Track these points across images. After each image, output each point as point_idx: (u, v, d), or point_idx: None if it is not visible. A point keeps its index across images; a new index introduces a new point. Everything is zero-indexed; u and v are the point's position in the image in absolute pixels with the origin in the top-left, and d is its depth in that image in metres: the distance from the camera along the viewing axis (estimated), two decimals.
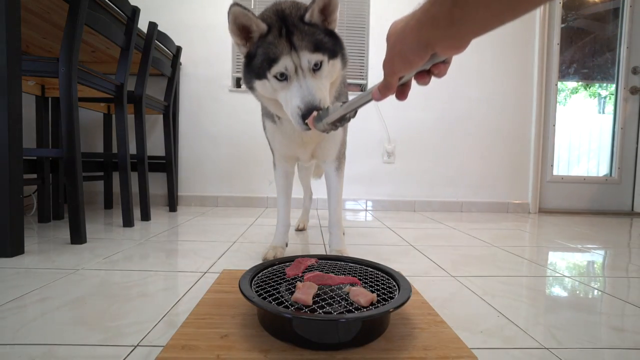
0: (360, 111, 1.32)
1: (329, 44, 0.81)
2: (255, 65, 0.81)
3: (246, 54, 0.83)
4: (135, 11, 1.59)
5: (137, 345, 0.58)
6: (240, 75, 2.49)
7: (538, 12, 2.52)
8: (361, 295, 0.60)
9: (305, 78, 0.78)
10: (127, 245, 1.26)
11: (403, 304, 0.57)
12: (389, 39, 0.46)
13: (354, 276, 0.72)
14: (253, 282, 0.67)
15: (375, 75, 2.50)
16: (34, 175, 1.65)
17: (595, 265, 1.22)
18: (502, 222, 2.08)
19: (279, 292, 0.64)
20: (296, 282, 0.68)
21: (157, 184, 2.38)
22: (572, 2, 2.65)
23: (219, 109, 2.48)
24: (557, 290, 0.94)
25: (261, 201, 2.49)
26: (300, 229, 1.62)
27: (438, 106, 2.53)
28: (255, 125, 2.47)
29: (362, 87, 2.54)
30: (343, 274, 0.75)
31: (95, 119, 2.36)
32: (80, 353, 0.55)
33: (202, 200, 2.48)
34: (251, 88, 0.86)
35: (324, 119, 0.66)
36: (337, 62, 0.84)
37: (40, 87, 1.81)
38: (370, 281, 0.71)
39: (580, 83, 2.77)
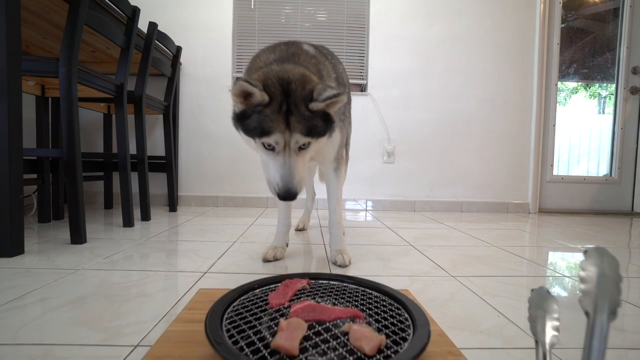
0: (360, 111, 1.32)
1: (322, 128, 0.83)
2: (246, 125, 0.81)
3: (241, 110, 0.82)
4: (135, 11, 1.59)
5: (137, 345, 0.58)
6: (240, 75, 2.49)
7: (538, 12, 2.52)
8: (365, 339, 0.46)
9: (290, 156, 0.81)
10: (127, 245, 1.26)
11: (421, 352, 0.45)
12: None
13: (355, 306, 0.59)
14: (226, 315, 0.54)
15: (375, 76, 2.49)
16: (34, 175, 1.65)
17: None
18: (502, 222, 2.08)
19: (255, 333, 0.49)
20: (281, 314, 0.55)
21: (157, 184, 2.38)
22: (572, 2, 2.65)
23: (219, 109, 2.48)
24: (557, 290, 0.94)
25: (261, 201, 2.49)
26: (300, 229, 1.62)
27: (438, 106, 2.53)
28: None
29: (362, 87, 2.54)
30: (342, 299, 0.62)
31: (95, 119, 2.36)
32: (80, 353, 0.55)
33: (202, 200, 2.48)
34: (237, 130, 0.87)
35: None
36: (324, 138, 0.86)
37: (40, 87, 1.81)
38: (376, 312, 0.57)
39: (580, 83, 2.77)
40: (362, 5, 2.47)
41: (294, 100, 0.79)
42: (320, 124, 0.83)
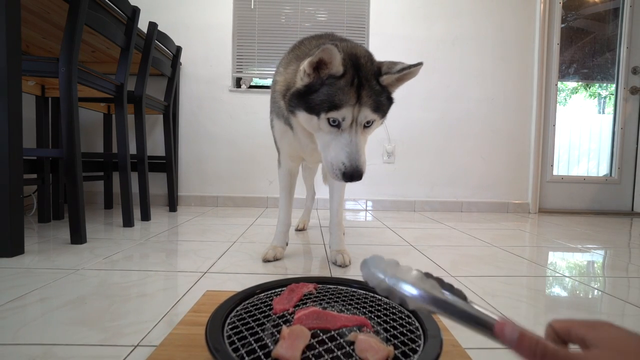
0: None
1: (385, 107, 0.82)
2: (312, 100, 0.77)
3: (307, 84, 0.79)
4: (135, 11, 1.59)
5: (137, 345, 0.58)
6: (240, 75, 2.49)
7: (538, 12, 2.52)
8: (371, 350, 0.44)
9: (357, 133, 0.78)
10: (127, 245, 1.26)
11: None
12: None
13: (363, 313, 0.57)
14: (229, 320, 0.53)
15: None
16: (34, 175, 1.65)
17: (595, 265, 1.22)
18: (502, 222, 2.08)
19: (257, 340, 0.48)
20: (284, 321, 0.53)
21: (157, 184, 2.38)
22: (572, 2, 2.65)
23: (219, 109, 2.48)
24: (557, 290, 0.94)
25: (261, 201, 2.49)
26: (300, 229, 1.62)
27: (438, 106, 2.53)
28: (255, 126, 2.47)
29: None
30: (350, 305, 0.60)
31: (95, 119, 2.36)
32: (80, 353, 0.55)
33: (202, 200, 2.48)
34: (292, 113, 0.84)
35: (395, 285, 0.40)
36: (381, 121, 0.86)
37: (40, 87, 1.81)
38: (385, 320, 0.55)
39: (580, 83, 2.77)
40: (362, 5, 2.47)
41: (365, 74, 0.78)
42: (385, 102, 0.82)
